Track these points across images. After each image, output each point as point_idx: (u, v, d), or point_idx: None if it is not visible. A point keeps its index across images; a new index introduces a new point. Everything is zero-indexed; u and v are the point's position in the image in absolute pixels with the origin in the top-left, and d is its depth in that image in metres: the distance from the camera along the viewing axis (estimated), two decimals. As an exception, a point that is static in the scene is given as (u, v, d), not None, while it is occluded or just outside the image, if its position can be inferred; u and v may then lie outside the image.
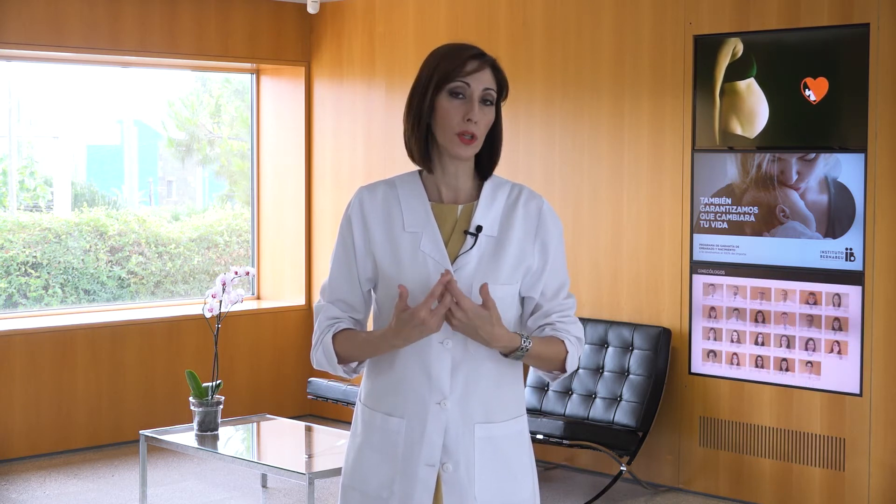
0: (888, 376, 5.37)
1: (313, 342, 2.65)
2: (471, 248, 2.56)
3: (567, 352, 2.60)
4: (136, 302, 7.81)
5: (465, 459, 2.55)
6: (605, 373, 6.14)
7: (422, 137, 2.58)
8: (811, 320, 5.59)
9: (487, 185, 2.62)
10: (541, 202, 2.63)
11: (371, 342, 2.56)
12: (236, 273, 5.74)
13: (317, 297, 3.65)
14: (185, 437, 5.61)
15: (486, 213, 2.59)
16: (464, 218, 2.60)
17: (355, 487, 2.63)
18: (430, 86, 2.55)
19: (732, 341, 5.85)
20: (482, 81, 2.54)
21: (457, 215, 2.60)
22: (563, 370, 2.62)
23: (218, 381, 5.65)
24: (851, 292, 5.45)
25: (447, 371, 2.54)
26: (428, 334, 2.47)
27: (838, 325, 5.49)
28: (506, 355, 2.54)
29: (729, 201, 5.85)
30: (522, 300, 2.64)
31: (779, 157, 5.67)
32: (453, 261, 2.56)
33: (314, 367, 2.66)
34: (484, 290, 2.46)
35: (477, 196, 2.62)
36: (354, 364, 2.63)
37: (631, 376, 6.04)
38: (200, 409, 5.59)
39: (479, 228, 2.57)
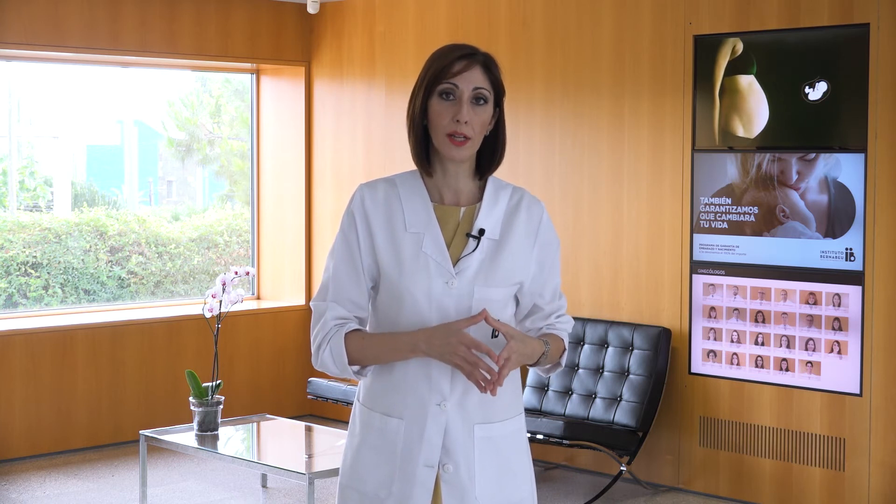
0: (888, 376, 5.37)
1: (316, 343, 2.59)
2: (473, 250, 2.57)
3: (565, 349, 2.70)
4: (136, 302, 7.81)
5: (465, 460, 2.55)
6: (605, 373, 6.14)
7: (419, 141, 2.58)
8: (811, 320, 5.59)
9: (489, 188, 2.63)
10: (541, 208, 2.65)
11: (382, 343, 2.54)
12: (236, 273, 5.74)
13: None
14: (185, 437, 5.61)
15: (489, 215, 2.60)
16: (466, 220, 2.60)
17: (353, 487, 2.63)
18: (421, 89, 2.56)
19: (732, 341, 5.85)
20: (472, 81, 2.54)
21: (459, 217, 2.60)
22: (559, 365, 2.70)
23: (218, 381, 5.65)
24: (851, 292, 5.45)
25: (447, 372, 2.54)
26: (446, 361, 2.48)
27: (838, 325, 5.49)
28: (534, 364, 2.60)
29: (729, 201, 5.85)
30: (517, 300, 2.66)
31: (779, 157, 5.67)
32: (455, 263, 2.56)
33: (316, 368, 2.61)
34: (487, 316, 2.47)
35: (478, 198, 2.63)
36: (363, 367, 2.61)
37: (631, 376, 6.04)
38: (200, 409, 5.59)
39: (481, 231, 2.57)
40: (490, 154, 2.62)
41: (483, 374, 2.46)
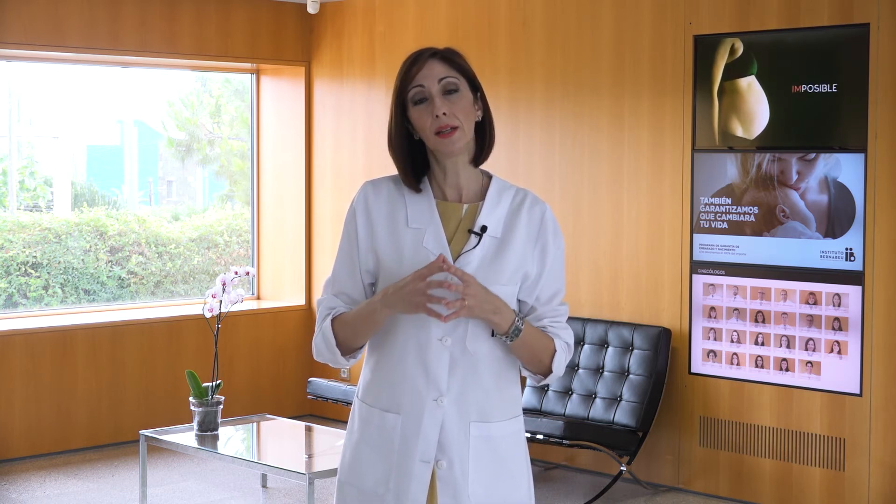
0: (888, 376, 5.37)
1: (314, 333, 2.66)
2: (474, 247, 2.57)
3: (555, 350, 2.61)
4: (136, 302, 7.81)
5: (459, 457, 2.56)
6: (605, 373, 6.14)
7: (405, 156, 2.60)
8: (811, 320, 5.59)
9: (493, 187, 2.64)
10: (544, 208, 2.65)
11: (358, 314, 2.57)
12: (236, 273, 5.74)
13: (317, 297, 3.63)
14: (185, 437, 5.61)
15: (491, 213, 2.60)
16: (468, 217, 2.61)
17: (352, 484, 2.64)
18: (393, 106, 2.60)
19: (732, 341, 5.85)
20: (433, 75, 2.56)
21: (461, 214, 2.61)
22: (549, 370, 2.62)
23: (218, 381, 5.65)
24: (851, 292, 5.45)
25: (445, 368, 2.54)
26: (405, 305, 2.47)
27: (838, 325, 5.49)
28: (505, 332, 2.53)
29: (729, 201, 5.85)
30: (519, 302, 2.65)
31: (779, 157, 5.67)
32: (455, 259, 2.56)
33: (315, 357, 2.67)
34: (445, 259, 2.45)
35: (482, 196, 2.63)
36: (355, 350, 2.62)
37: (631, 376, 6.04)
38: (200, 409, 5.59)
39: (483, 228, 2.58)
40: (481, 139, 2.63)
41: (442, 300, 2.43)
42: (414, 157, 2.62)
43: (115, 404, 7.05)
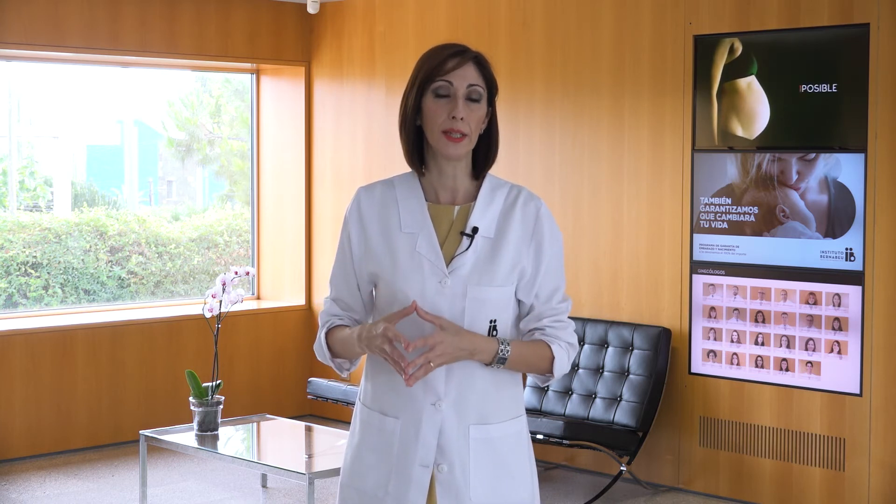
0: (888, 376, 5.37)
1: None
2: (466, 249, 2.56)
3: (553, 356, 2.58)
4: (136, 302, 7.81)
5: (459, 460, 2.55)
6: (605, 373, 6.14)
7: (411, 140, 2.59)
8: (811, 320, 5.59)
9: (485, 186, 2.62)
10: (539, 204, 2.62)
11: (344, 339, 2.61)
12: (236, 273, 5.74)
13: (317, 297, 3.61)
14: (185, 437, 5.61)
15: (483, 214, 2.58)
16: (460, 219, 2.60)
17: (353, 486, 2.64)
18: (414, 88, 2.56)
19: (732, 341, 5.85)
20: (465, 78, 2.54)
21: (453, 216, 2.60)
22: (552, 374, 2.61)
23: (218, 381, 5.65)
24: (851, 292, 5.45)
25: (442, 372, 2.54)
26: (375, 354, 2.51)
27: (838, 325, 5.49)
28: (489, 363, 2.53)
29: (729, 201, 5.85)
30: (518, 302, 2.63)
31: (779, 157, 5.67)
32: (449, 262, 2.55)
33: (317, 358, 2.72)
34: (417, 308, 2.47)
35: (474, 197, 2.61)
36: (346, 363, 2.68)
37: (631, 376, 6.04)
38: (200, 409, 5.59)
39: (474, 230, 2.56)
40: (485, 152, 2.61)
41: (402, 366, 2.44)
42: (419, 146, 2.61)
43: (115, 404, 7.05)
